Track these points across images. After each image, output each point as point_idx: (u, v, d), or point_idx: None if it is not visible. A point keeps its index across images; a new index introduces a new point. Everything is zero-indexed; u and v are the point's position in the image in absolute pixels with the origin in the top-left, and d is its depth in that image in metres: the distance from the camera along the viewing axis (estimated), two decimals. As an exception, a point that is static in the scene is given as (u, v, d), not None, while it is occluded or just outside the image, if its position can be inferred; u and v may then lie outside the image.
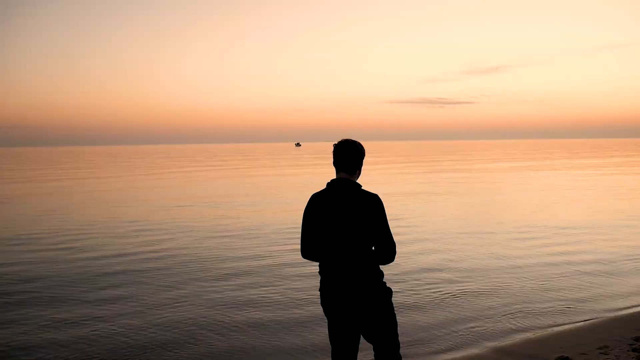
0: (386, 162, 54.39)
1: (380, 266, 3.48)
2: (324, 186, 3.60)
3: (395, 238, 3.57)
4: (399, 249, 4.94)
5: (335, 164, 3.54)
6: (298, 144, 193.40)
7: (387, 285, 3.54)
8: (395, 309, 3.62)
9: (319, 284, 3.68)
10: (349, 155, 3.48)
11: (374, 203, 3.38)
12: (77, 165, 56.76)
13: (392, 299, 3.55)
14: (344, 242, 3.38)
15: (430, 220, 14.53)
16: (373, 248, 3.43)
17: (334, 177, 3.59)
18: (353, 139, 3.63)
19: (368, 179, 26.54)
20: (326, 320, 3.64)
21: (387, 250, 3.39)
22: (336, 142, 3.56)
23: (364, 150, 3.60)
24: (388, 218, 3.50)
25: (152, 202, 19.97)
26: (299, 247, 5.40)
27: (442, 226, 13.46)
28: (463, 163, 49.91)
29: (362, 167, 3.59)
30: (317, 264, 3.66)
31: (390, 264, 3.51)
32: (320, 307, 3.65)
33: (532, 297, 7.50)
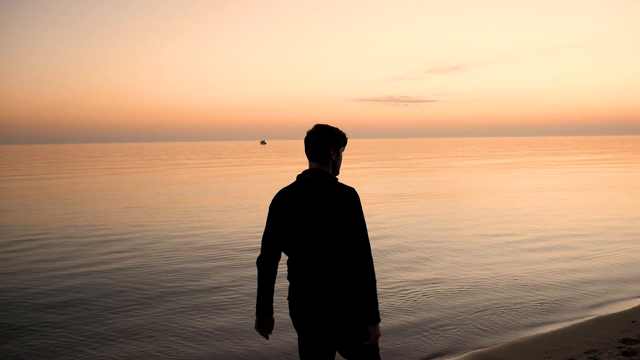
0: (352, 160, 54.07)
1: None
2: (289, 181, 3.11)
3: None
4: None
5: (306, 152, 3.09)
6: (263, 142, 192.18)
7: None
8: None
9: (287, 290, 3.15)
10: (318, 141, 3.03)
11: (348, 197, 2.89)
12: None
13: None
14: (313, 243, 2.91)
15: (398, 218, 14.16)
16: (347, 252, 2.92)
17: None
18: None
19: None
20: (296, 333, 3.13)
21: (360, 256, 2.86)
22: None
23: (341, 135, 3.12)
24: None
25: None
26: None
27: (409, 224, 13.10)
28: (429, 161, 50.00)
29: (342, 158, 3.14)
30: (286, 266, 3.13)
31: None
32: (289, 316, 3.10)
33: (510, 296, 7.15)
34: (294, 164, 46.21)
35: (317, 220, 2.89)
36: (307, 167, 3.05)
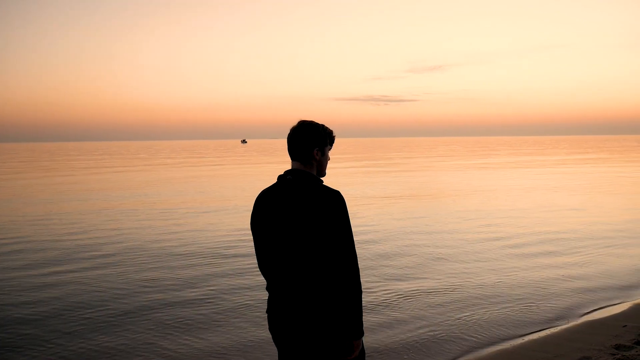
0: (333, 159, 53.83)
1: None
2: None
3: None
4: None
5: (289, 151, 2.85)
6: (244, 141, 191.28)
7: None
8: None
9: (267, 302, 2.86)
10: (301, 138, 2.79)
11: (332, 202, 2.64)
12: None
13: None
14: (293, 251, 2.67)
15: (380, 220, 13.95)
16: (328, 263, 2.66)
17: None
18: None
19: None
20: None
21: (345, 266, 2.60)
22: None
23: (327, 133, 2.87)
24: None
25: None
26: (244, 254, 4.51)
27: (393, 227, 12.88)
28: (411, 160, 49.96)
29: (328, 157, 2.89)
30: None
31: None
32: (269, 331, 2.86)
33: (496, 301, 6.95)
34: (277, 163, 45.83)
35: (298, 226, 2.66)
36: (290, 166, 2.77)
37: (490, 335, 5.81)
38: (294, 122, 2.85)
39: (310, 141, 2.79)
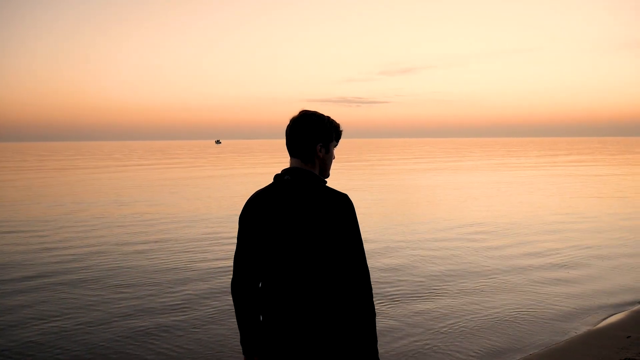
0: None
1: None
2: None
3: None
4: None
5: (287, 146, 2.44)
6: (218, 142, 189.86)
7: None
8: None
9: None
10: (302, 132, 2.38)
11: (340, 207, 2.26)
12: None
13: None
14: (294, 265, 2.26)
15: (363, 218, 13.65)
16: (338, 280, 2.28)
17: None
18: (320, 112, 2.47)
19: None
20: None
21: (357, 283, 2.25)
22: None
23: (334, 127, 2.46)
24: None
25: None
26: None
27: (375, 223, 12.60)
28: (385, 162, 49.90)
29: (334, 155, 2.48)
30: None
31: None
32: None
33: (487, 314, 6.52)
34: (259, 165, 45.31)
35: (299, 236, 2.25)
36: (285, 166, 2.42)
37: (486, 350, 5.50)
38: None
39: (312, 135, 2.38)
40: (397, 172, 32.90)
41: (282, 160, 46.50)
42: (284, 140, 2.43)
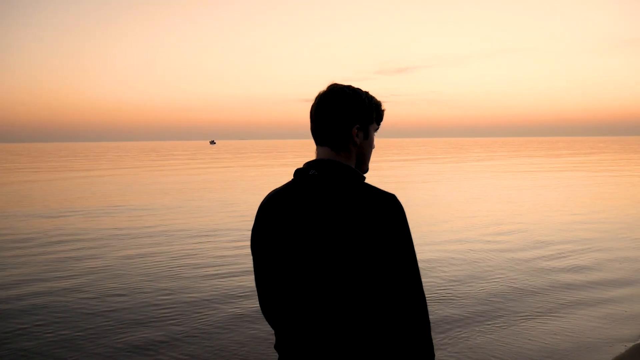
0: (302, 160, 53.25)
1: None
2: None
3: None
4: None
5: (312, 131, 1.88)
6: (213, 142, 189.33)
7: None
8: None
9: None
10: (333, 110, 1.79)
11: (387, 211, 1.66)
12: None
13: None
14: (324, 288, 1.67)
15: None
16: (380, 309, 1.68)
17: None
18: (345, 85, 1.86)
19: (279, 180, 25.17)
20: None
21: (411, 312, 1.64)
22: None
23: (374, 105, 1.87)
24: None
25: None
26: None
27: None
28: (382, 163, 49.67)
29: (374, 144, 1.91)
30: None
31: None
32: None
33: (497, 318, 6.27)
34: (257, 167, 44.95)
35: (330, 248, 1.66)
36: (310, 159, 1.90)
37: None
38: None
39: (347, 115, 1.79)
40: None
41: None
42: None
